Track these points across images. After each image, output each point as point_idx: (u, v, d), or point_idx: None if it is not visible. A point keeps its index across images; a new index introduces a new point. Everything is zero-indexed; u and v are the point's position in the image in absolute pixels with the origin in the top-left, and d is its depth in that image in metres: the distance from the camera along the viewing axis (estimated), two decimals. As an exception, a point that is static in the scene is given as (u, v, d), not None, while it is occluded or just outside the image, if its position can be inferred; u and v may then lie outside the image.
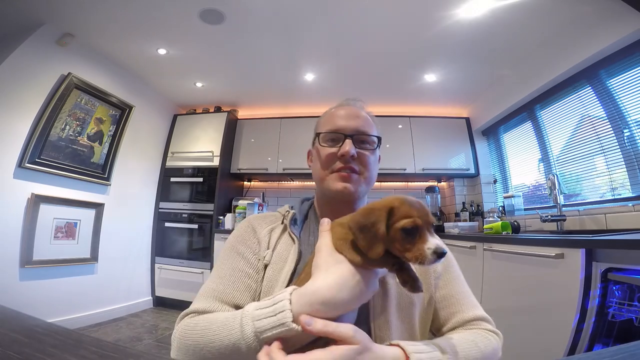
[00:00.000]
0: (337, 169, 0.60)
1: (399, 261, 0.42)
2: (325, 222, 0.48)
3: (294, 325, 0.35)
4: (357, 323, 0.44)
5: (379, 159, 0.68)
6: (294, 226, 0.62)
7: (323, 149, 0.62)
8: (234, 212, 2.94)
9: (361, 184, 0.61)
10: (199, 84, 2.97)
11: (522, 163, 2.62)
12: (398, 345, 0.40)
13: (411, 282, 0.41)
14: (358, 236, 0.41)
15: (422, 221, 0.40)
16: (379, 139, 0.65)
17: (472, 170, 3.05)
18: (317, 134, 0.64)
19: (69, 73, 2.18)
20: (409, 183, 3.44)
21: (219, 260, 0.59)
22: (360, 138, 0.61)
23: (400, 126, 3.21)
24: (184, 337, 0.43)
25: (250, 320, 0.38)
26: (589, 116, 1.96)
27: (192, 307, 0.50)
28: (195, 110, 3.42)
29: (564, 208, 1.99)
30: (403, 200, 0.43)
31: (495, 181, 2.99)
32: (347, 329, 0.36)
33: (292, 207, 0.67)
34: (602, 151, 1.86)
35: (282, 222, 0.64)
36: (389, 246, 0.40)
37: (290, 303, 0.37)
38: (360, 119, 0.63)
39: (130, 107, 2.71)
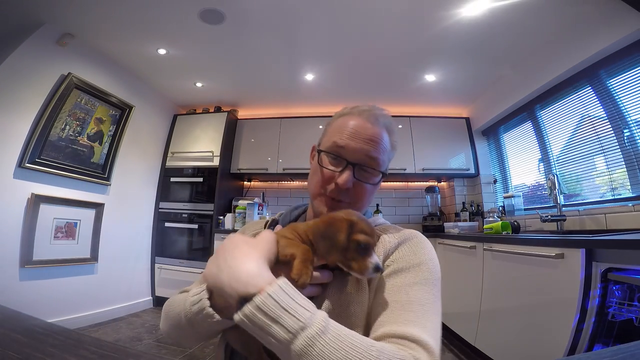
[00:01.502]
0: (328, 194, 0.58)
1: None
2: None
3: (206, 302, 0.43)
4: None
5: (380, 184, 0.63)
6: (273, 230, 0.64)
7: (323, 169, 0.59)
8: (234, 212, 2.94)
9: None
10: (199, 84, 2.97)
11: (522, 163, 2.62)
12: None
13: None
14: (319, 242, 0.46)
15: (373, 242, 0.47)
16: (384, 174, 0.60)
17: (472, 170, 3.05)
18: (320, 150, 0.60)
19: (69, 73, 2.18)
20: (409, 183, 3.44)
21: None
22: (364, 167, 0.58)
23: (400, 126, 3.21)
24: (164, 308, 0.55)
25: (190, 296, 0.46)
26: (589, 116, 1.96)
27: (186, 287, 0.60)
28: (195, 110, 3.42)
29: (564, 208, 1.99)
30: (360, 217, 0.48)
31: (495, 181, 2.99)
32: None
33: (280, 214, 0.69)
34: (602, 151, 1.86)
35: (265, 227, 0.67)
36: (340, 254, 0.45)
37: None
38: (373, 142, 0.57)
39: (130, 107, 2.71)
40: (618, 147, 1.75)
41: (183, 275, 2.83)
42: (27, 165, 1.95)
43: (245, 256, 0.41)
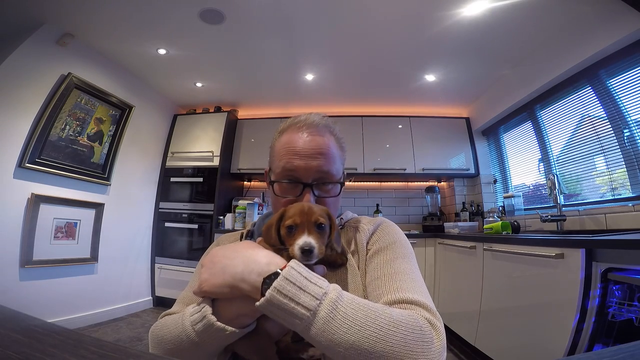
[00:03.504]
0: None
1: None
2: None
3: (212, 317, 0.42)
4: None
5: (342, 188, 0.63)
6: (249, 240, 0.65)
7: (278, 198, 0.58)
8: (234, 212, 2.94)
9: None
10: (199, 84, 2.97)
11: (522, 163, 2.62)
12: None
13: None
14: (264, 236, 0.50)
15: (300, 221, 0.45)
16: (342, 184, 0.61)
17: (472, 170, 3.05)
18: (272, 181, 0.59)
19: (69, 73, 2.18)
20: (409, 183, 3.44)
21: (194, 273, 0.66)
22: (321, 182, 0.58)
23: (400, 126, 3.21)
24: (152, 334, 0.51)
25: (188, 316, 0.44)
26: (589, 116, 1.96)
27: (168, 310, 0.57)
28: (195, 110, 3.42)
29: (564, 208, 1.99)
30: (297, 205, 0.49)
31: (495, 181, 2.99)
32: None
33: (254, 225, 0.69)
34: (602, 151, 1.86)
35: (241, 239, 0.67)
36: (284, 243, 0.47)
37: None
38: (322, 156, 0.56)
39: (130, 107, 2.71)
40: (618, 147, 1.75)
41: (183, 275, 2.83)
42: (27, 165, 1.95)
43: (250, 249, 0.44)
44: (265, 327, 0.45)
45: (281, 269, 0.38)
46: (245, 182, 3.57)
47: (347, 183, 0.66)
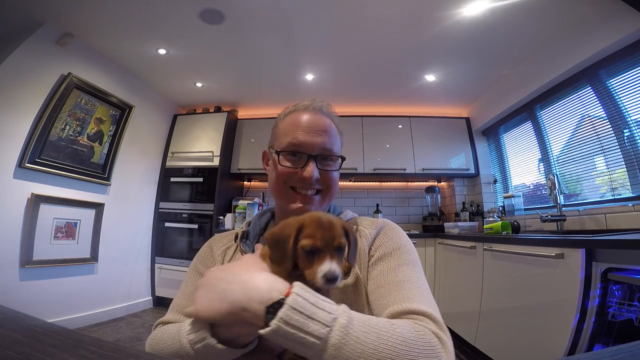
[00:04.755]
0: (298, 188, 0.60)
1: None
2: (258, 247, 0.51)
3: (212, 339, 0.39)
4: None
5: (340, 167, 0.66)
6: (245, 242, 0.63)
7: (283, 167, 0.60)
8: (234, 212, 2.94)
9: (322, 203, 0.62)
10: (199, 84, 2.98)
11: (522, 163, 2.62)
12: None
13: None
14: (272, 249, 0.44)
15: (323, 244, 0.41)
16: (343, 158, 0.64)
17: (472, 170, 3.05)
18: (278, 152, 0.60)
19: (69, 73, 2.18)
20: (409, 183, 3.44)
21: (185, 278, 0.63)
22: (323, 156, 0.61)
23: (400, 126, 3.21)
24: (149, 345, 0.49)
25: (185, 334, 0.42)
26: (589, 116, 1.96)
27: (162, 319, 0.56)
28: (195, 110, 3.42)
29: (564, 208, 1.99)
30: (315, 219, 0.44)
31: (495, 181, 2.99)
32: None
33: (248, 224, 0.67)
34: (602, 151, 1.86)
35: (235, 240, 0.65)
36: (297, 261, 0.43)
37: None
38: (325, 134, 0.60)
39: (130, 107, 2.71)
40: (618, 147, 1.75)
41: (183, 275, 2.81)
42: (27, 165, 1.95)
43: (251, 272, 0.41)
44: (267, 342, 0.42)
45: (285, 296, 0.36)
46: (245, 182, 3.57)
47: (347, 183, 0.66)
